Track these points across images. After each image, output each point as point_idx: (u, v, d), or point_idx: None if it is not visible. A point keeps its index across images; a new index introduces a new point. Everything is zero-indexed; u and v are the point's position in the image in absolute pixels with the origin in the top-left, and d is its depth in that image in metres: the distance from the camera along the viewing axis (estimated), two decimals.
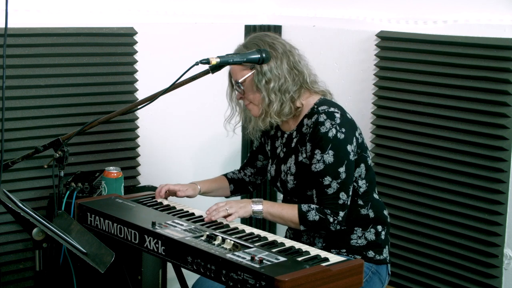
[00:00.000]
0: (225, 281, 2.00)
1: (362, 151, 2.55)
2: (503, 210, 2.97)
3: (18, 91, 3.21)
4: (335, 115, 2.47)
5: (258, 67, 2.50)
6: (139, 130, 3.59)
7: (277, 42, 2.55)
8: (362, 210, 2.56)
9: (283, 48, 2.54)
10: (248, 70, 2.53)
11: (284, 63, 2.52)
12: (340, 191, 2.44)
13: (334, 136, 2.44)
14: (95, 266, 2.06)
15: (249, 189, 2.92)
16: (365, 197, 2.57)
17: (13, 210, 2.10)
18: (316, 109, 2.51)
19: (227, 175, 2.89)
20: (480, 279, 3.06)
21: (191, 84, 2.55)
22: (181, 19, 3.67)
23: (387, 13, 3.41)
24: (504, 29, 2.93)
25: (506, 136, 2.93)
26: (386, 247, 2.61)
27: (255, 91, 2.53)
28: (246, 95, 2.57)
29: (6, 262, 3.24)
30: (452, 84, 3.10)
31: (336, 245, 2.55)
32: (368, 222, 2.57)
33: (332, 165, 2.44)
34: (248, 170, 2.89)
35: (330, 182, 2.44)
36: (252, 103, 2.57)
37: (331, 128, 2.44)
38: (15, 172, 3.19)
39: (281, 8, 3.93)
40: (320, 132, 2.45)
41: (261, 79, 2.50)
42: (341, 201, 2.45)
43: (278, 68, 2.51)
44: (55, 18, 3.26)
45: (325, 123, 2.45)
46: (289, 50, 2.55)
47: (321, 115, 2.47)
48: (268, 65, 2.49)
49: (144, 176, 3.63)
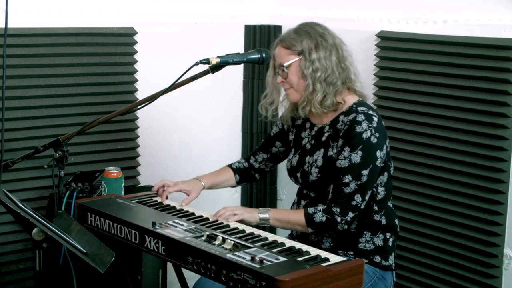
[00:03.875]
0: (225, 281, 2.00)
1: (388, 160, 2.56)
2: (503, 210, 2.97)
3: (18, 91, 3.21)
4: (373, 118, 2.47)
5: (307, 54, 2.50)
6: (139, 130, 3.59)
7: (327, 33, 2.55)
8: (376, 216, 2.56)
9: (333, 40, 2.54)
10: (295, 55, 2.52)
11: (333, 55, 2.52)
12: (356, 193, 2.44)
13: (368, 138, 2.43)
14: (95, 266, 2.06)
15: (256, 177, 2.89)
16: (380, 204, 2.57)
17: (13, 210, 2.10)
18: (355, 108, 2.51)
19: (232, 165, 2.87)
20: (480, 279, 3.06)
21: (191, 84, 2.55)
22: (181, 19, 3.67)
23: (387, 13, 3.41)
24: (504, 29, 2.93)
25: (506, 136, 2.93)
26: (392, 254, 2.61)
27: (299, 77, 2.52)
28: (288, 79, 2.55)
29: (6, 262, 3.23)
30: (452, 84, 3.10)
31: (344, 247, 2.54)
32: (378, 228, 2.56)
33: (357, 165, 2.43)
34: (260, 155, 2.86)
35: (349, 181, 2.43)
36: (293, 88, 2.56)
37: (367, 130, 2.44)
38: (15, 172, 3.19)
39: (281, 8, 3.93)
40: (355, 131, 2.44)
41: (308, 66, 2.49)
42: (355, 202, 2.44)
43: (326, 59, 2.50)
44: (55, 18, 3.26)
45: (362, 124, 2.44)
46: (338, 44, 2.56)
47: (360, 115, 2.46)
48: (317, 53, 2.49)
49: (144, 176, 3.63)
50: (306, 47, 2.50)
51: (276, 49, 2.58)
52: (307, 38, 2.51)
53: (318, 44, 2.51)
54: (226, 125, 3.96)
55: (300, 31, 2.54)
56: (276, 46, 2.58)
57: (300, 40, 2.51)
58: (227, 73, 2.75)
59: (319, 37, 2.52)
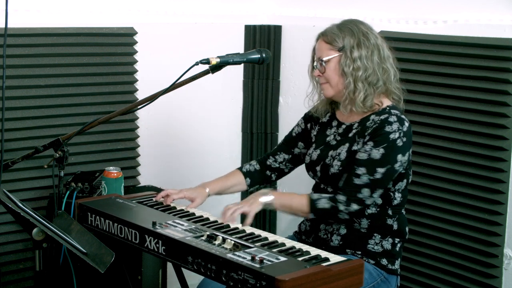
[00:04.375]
0: (225, 281, 2.00)
1: (408, 169, 2.55)
2: (503, 210, 2.97)
3: (18, 91, 3.21)
4: (405, 123, 2.46)
5: (348, 52, 2.48)
6: (139, 130, 3.59)
7: (371, 33, 2.53)
8: (389, 220, 2.55)
9: (375, 40, 2.53)
10: (335, 51, 2.51)
11: (375, 55, 2.50)
12: (365, 187, 2.42)
13: (394, 139, 2.43)
14: (95, 266, 2.06)
15: (271, 178, 2.83)
16: (395, 210, 2.56)
17: (13, 210, 2.10)
18: (388, 110, 2.50)
19: (242, 168, 2.82)
20: (480, 279, 3.06)
21: (191, 84, 2.55)
22: (181, 19, 3.67)
23: (387, 13, 3.41)
24: (504, 29, 2.93)
25: (506, 136, 2.93)
26: (399, 260, 2.60)
27: (339, 74, 2.51)
28: (325, 74, 2.54)
29: (6, 262, 3.24)
30: (452, 84, 3.10)
31: (352, 246, 2.53)
32: (388, 232, 2.55)
33: (374, 161, 2.42)
34: (281, 156, 2.80)
35: (362, 174, 2.42)
36: (329, 84, 2.55)
37: (395, 132, 2.43)
38: (15, 172, 3.19)
39: (281, 8, 3.93)
40: (384, 129, 2.43)
41: (349, 64, 2.48)
42: (361, 195, 2.42)
43: (368, 58, 2.49)
44: (55, 18, 3.26)
45: (393, 125, 2.44)
46: (380, 44, 2.54)
47: (392, 117, 2.46)
48: (359, 52, 2.48)
49: (144, 176, 3.63)
50: (348, 44, 2.49)
51: (317, 42, 2.57)
52: (349, 35, 2.50)
53: (360, 42, 2.49)
54: (226, 125, 3.96)
55: (344, 27, 2.52)
56: (317, 40, 2.57)
57: (343, 36, 2.50)
58: (227, 73, 2.75)
59: (362, 35, 2.50)
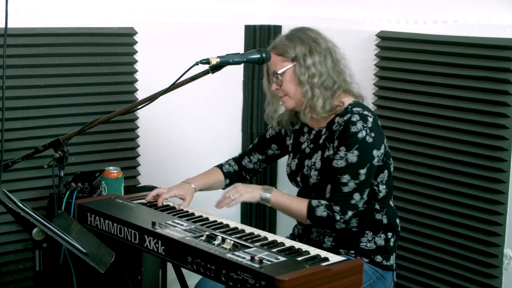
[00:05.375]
0: (225, 281, 2.00)
1: (387, 158, 2.55)
2: (503, 210, 2.97)
3: (18, 91, 3.21)
4: (368, 118, 2.46)
5: (301, 60, 2.48)
6: (139, 130, 3.59)
7: (320, 38, 2.53)
8: (377, 215, 2.55)
9: (326, 44, 2.53)
10: (288, 61, 2.50)
11: (328, 60, 2.51)
12: (355, 192, 2.43)
13: (363, 138, 2.43)
14: (95, 266, 2.06)
15: (246, 178, 2.87)
16: (382, 203, 2.56)
17: (13, 210, 2.10)
18: (350, 109, 2.50)
19: (223, 168, 2.84)
20: (480, 279, 3.06)
21: (191, 84, 2.55)
22: (181, 19, 3.67)
23: (387, 13, 3.41)
24: (504, 29, 2.93)
25: (506, 136, 2.93)
26: (394, 254, 2.60)
27: (296, 84, 2.51)
28: (283, 87, 2.53)
29: (6, 262, 3.24)
30: (452, 84, 3.10)
31: (345, 246, 2.54)
32: (380, 228, 2.56)
33: (354, 164, 2.42)
34: (255, 156, 2.84)
35: (348, 180, 2.43)
36: (288, 96, 2.54)
37: (362, 130, 2.43)
38: (15, 172, 3.19)
39: (281, 8, 3.93)
40: (350, 131, 2.43)
41: (304, 72, 2.48)
42: (354, 201, 2.44)
43: (321, 64, 2.49)
44: (55, 18, 3.27)
45: (357, 124, 2.44)
46: (331, 48, 2.54)
47: (355, 115, 2.46)
48: (312, 59, 2.48)
49: (144, 176, 3.63)
50: (300, 52, 2.49)
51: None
52: (300, 44, 2.49)
53: (312, 49, 2.49)
54: (226, 125, 3.96)
55: (292, 37, 2.52)
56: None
57: (293, 46, 2.49)
58: (227, 73, 2.74)
59: (312, 42, 2.50)
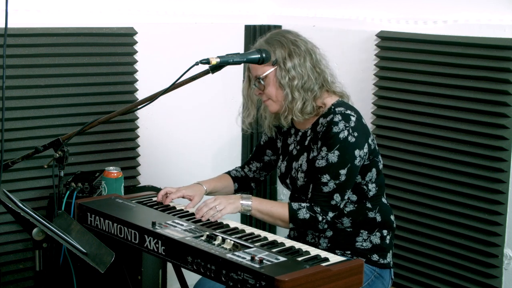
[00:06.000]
0: (225, 281, 2.00)
1: (374, 157, 2.54)
2: (503, 210, 2.97)
3: (18, 91, 3.21)
4: (350, 118, 2.46)
5: (281, 64, 2.48)
6: (139, 130, 3.59)
7: (299, 39, 2.54)
8: (370, 213, 2.55)
9: (305, 46, 2.53)
10: (269, 66, 2.50)
11: (308, 61, 2.51)
12: (335, 192, 2.43)
13: (345, 138, 2.43)
14: (95, 266, 2.06)
15: (252, 186, 2.89)
16: (374, 201, 2.56)
17: (13, 210, 2.10)
18: (333, 109, 2.50)
19: (231, 173, 2.86)
20: (480, 279, 3.06)
21: (191, 84, 2.55)
22: (181, 19, 3.67)
23: (387, 13, 3.41)
24: (504, 29, 2.93)
25: (506, 136, 2.93)
26: (390, 252, 2.60)
27: (277, 87, 2.51)
28: (266, 91, 2.54)
29: (6, 262, 3.24)
30: (452, 84, 3.10)
31: (341, 247, 2.54)
32: (374, 226, 2.56)
33: (334, 165, 2.43)
34: (253, 164, 2.85)
35: (328, 180, 2.43)
36: (271, 100, 2.55)
37: (344, 130, 2.43)
38: (15, 172, 3.19)
39: (281, 8, 3.93)
40: (332, 131, 2.44)
41: (284, 75, 2.48)
42: (334, 202, 2.44)
43: (301, 66, 2.49)
44: (55, 18, 3.27)
45: (339, 124, 2.44)
46: (311, 49, 2.54)
47: (337, 116, 2.46)
48: (291, 61, 2.48)
49: (144, 176, 3.63)
50: (280, 56, 2.49)
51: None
52: (279, 47, 2.50)
53: (291, 52, 2.49)
54: (226, 125, 3.96)
55: (272, 40, 2.52)
56: None
57: (273, 50, 2.49)
58: (227, 73, 2.74)
59: (291, 44, 2.50)
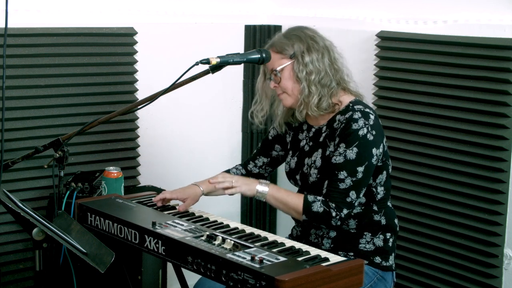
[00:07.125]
0: (225, 281, 2.00)
1: (386, 159, 2.55)
2: (503, 210, 2.97)
3: (18, 91, 3.21)
4: (370, 116, 2.46)
5: (299, 57, 2.50)
6: (139, 130, 3.59)
7: (317, 35, 2.55)
8: (376, 216, 2.55)
9: (323, 42, 2.55)
10: (287, 58, 2.51)
11: (325, 57, 2.52)
12: (351, 189, 2.42)
13: (364, 135, 2.43)
14: (95, 266, 2.06)
15: None
16: (380, 204, 2.56)
17: (13, 210, 2.10)
18: (352, 107, 2.50)
19: (230, 172, 2.85)
20: (480, 279, 3.06)
21: (191, 84, 2.55)
22: (181, 19, 3.67)
23: (387, 13, 3.41)
24: (504, 29, 2.93)
25: (506, 136, 2.93)
26: (393, 255, 2.60)
27: (294, 81, 2.52)
28: (281, 84, 2.54)
29: (6, 262, 3.24)
30: (452, 84, 3.10)
31: (344, 248, 2.54)
32: (378, 228, 2.56)
33: (352, 161, 2.42)
34: (260, 160, 2.83)
35: (345, 177, 2.42)
36: (286, 93, 2.55)
37: (363, 127, 2.43)
38: (15, 172, 3.19)
39: (281, 8, 3.93)
40: (351, 128, 2.43)
41: (302, 69, 2.49)
42: (349, 199, 2.43)
43: (319, 61, 2.50)
44: (55, 18, 3.26)
45: (359, 121, 2.44)
46: (329, 46, 2.56)
47: (356, 113, 2.46)
48: (310, 56, 2.49)
49: (144, 176, 3.63)
50: (298, 50, 2.50)
51: None
52: (298, 42, 2.51)
53: (309, 46, 2.51)
54: (226, 125, 3.96)
55: (290, 35, 2.54)
56: None
57: (291, 43, 2.51)
58: (227, 73, 2.75)
59: (310, 39, 2.52)
